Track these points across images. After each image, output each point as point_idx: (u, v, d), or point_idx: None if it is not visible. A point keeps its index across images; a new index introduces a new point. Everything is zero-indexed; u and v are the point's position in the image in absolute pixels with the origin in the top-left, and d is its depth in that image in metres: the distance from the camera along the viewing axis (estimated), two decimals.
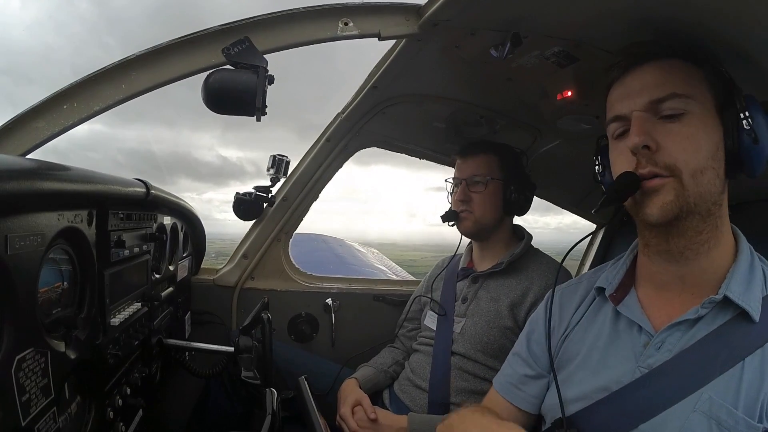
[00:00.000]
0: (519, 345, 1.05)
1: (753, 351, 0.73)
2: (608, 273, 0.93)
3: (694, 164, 0.74)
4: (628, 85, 0.81)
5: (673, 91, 0.76)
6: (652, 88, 0.77)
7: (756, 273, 0.79)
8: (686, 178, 0.74)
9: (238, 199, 1.85)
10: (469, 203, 1.54)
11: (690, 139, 0.75)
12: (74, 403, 0.73)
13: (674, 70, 0.78)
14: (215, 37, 1.01)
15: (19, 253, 0.58)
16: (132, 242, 1.08)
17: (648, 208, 0.77)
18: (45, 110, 0.97)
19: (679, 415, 0.74)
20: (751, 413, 0.70)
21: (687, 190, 0.74)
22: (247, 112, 0.97)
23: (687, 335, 0.78)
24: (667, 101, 0.76)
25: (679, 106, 0.75)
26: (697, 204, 0.75)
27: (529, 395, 0.98)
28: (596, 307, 0.93)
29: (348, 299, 1.99)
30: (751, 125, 0.74)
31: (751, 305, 0.75)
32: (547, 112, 1.53)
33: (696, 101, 0.76)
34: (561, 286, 1.03)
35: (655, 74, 0.78)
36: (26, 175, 0.59)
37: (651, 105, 0.77)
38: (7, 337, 0.55)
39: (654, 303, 0.84)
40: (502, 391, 1.01)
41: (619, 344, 0.85)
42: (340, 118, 1.73)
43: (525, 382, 0.99)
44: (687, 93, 0.76)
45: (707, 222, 0.78)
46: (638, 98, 0.78)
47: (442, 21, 1.10)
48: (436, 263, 1.81)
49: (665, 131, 0.75)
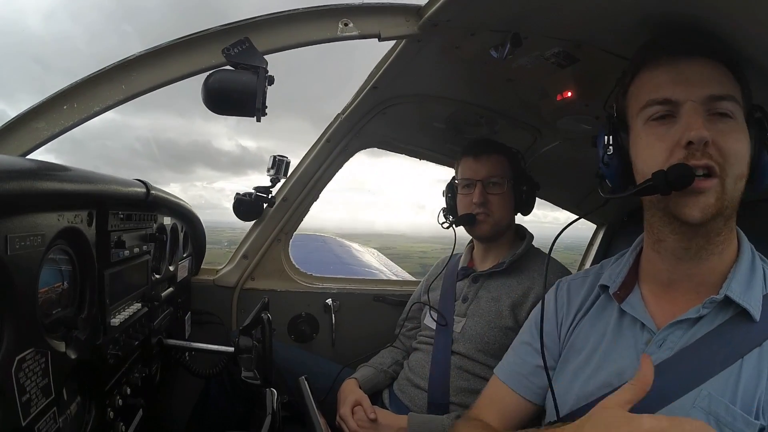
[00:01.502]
0: (528, 335, 1.03)
1: (752, 349, 0.74)
2: (611, 270, 0.94)
3: (738, 169, 0.74)
4: (683, 71, 0.76)
5: (730, 92, 0.75)
6: (713, 83, 0.74)
7: (757, 272, 0.80)
8: (729, 182, 0.73)
9: (238, 199, 1.85)
10: (486, 206, 1.50)
11: (740, 143, 0.74)
12: (74, 403, 0.74)
13: (723, 71, 0.76)
14: (215, 38, 1.01)
15: (19, 253, 0.58)
16: (132, 242, 1.08)
17: (688, 208, 0.74)
18: (45, 111, 0.97)
19: (679, 412, 0.74)
20: (748, 410, 0.71)
21: (726, 194, 0.73)
22: (247, 113, 0.97)
23: (688, 333, 0.79)
24: (724, 101, 0.74)
25: (731, 108, 0.74)
26: (728, 208, 0.75)
27: (537, 386, 0.97)
28: (602, 304, 0.93)
29: (348, 299, 1.99)
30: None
31: (751, 304, 0.76)
32: (547, 112, 1.53)
33: (741, 107, 0.76)
34: (568, 278, 1.04)
35: (712, 70, 0.75)
36: (26, 176, 0.59)
37: (709, 100, 0.74)
38: (7, 337, 0.55)
39: (658, 301, 0.85)
40: (509, 381, 1.00)
41: (622, 341, 0.85)
42: (341, 118, 1.73)
43: (535, 373, 0.97)
44: (737, 98, 0.75)
45: (727, 225, 0.79)
46: (697, 89, 0.74)
47: (442, 21, 1.10)
48: (435, 263, 1.81)
49: (716, 130, 0.73)
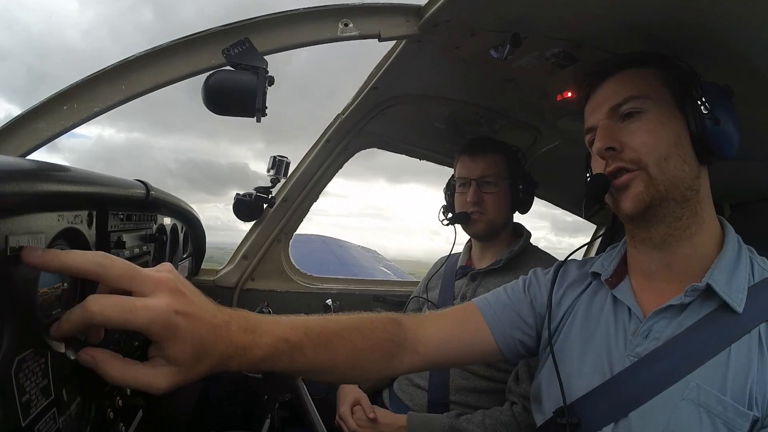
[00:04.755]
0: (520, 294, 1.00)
1: (739, 338, 0.74)
2: (603, 260, 0.96)
3: (656, 154, 0.80)
4: (593, 100, 0.91)
5: (628, 95, 0.84)
6: (611, 97, 0.86)
7: (742, 264, 0.80)
8: (652, 168, 0.80)
9: (238, 200, 1.85)
10: (481, 204, 1.50)
11: (649, 132, 0.81)
12: (74, 403, 0.73)
13: (628, 77, 0.86)
14: (215, 38, 1.01)
15: (19, 253, 0.58)
16: (132, 243, 1.08)
17: (622, 203, 0.83)
18: (45, 111, 0.97)
19: (667, 404, 0.75)
20: (739, 399, 0.71)
21: (655, 179, 0.80)
22: (247, 114, 0.97)
23: (674, 323, 0.79)
24: (624, 104, 0.84)
25: (635, 105, 0.83)
26: (668, 190, 0.80)
27: (516, 339, 0.95)
28: (594, 289, 0.94)
29: (348, 300, 1.99)
30: (709, 109, 0.79)
31: (732, 296, 0.76)
32: (547, 113, 1.53)
33: (651, 100, 0.83)
34: (568, 261, 1.04)
35: (613, 85, 0.87)
36: (26, 176, 0.59)
37: (611, 111, 0.86)
38: (7, 337, 0.55)
39: (644, 292, 0.87)
40: (489, 318, 0.96)
41: (614, 331, 0.86)
42: (341, 118, 1.73)
43: (519, 326, 0.96)
44: (641, 94, 0.83)
45: (684, 208, 0.82)
46: (604, 107, 0.87)
47: (442, 22, 1.10)
48: (434, 262, 1.81)
49: (627, 131, 0.83)
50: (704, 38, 0.90)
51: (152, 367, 0.59)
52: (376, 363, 0.84)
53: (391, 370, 0.88)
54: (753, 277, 0.80)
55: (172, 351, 0.58)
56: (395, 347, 0.86)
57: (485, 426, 1.25)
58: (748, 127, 0.85)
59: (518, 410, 1.26)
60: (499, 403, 1.33)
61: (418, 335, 0.90)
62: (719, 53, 0.91)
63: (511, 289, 1.03)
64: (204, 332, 0.60)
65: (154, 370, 0.58)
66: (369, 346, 0.82)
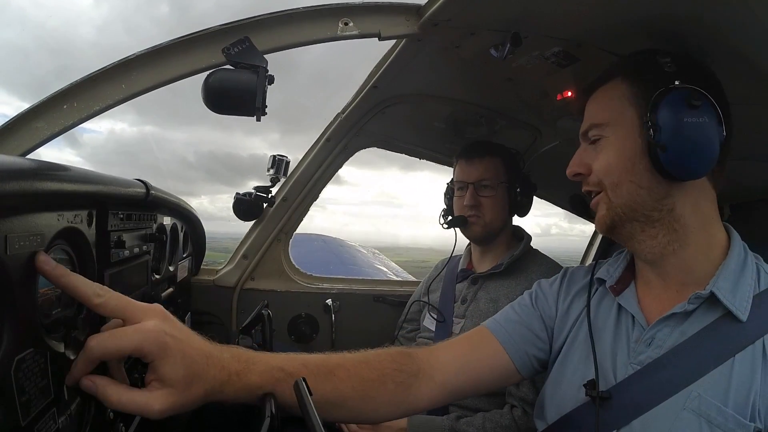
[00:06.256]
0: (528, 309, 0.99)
1: (743, 348, 0.73)
2: (609, 266, 0.95)
3: (610, 180, 0.83)
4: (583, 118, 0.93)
5: (590, 122, 0.87)
6: (584, 122, 0.90)
7: (747, 271, 0.79)
8: (610, 192, 0.83)
9: (237, 199, 1.85)
10: (478, 208, 1.51)
11: (606, 159, 0.83)
12: (74, 403, 0.73)
13: (599, 98, 0.88)
14: (215, 37, 1.01)
15: (18, 253, 0.58)
16: (132, 243, 1.07)
17: (595, 222, 0.88)
18: (45, 110, 0.97)
19: (669, 413, 0.74)
20: (741, 411, 0.70)
21: (612, 202, 0.83)
22: (247, 112, 0.97)
23: (677, 331, 0.78)
24: (588, 131, 0.88)
25: (596, 133, 0.86)
26: (626, 213, 0.82)
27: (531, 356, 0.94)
28: (599, 296, 0.93)
29: (348, 300, 1.98)
30: (657, 132, 0.75)
31: (736, 305, 0.75)
32: (547, 112, 1.53)
33: (611, 126, 0.84)
34: (573, 268, 1.04)
35: (589, 108, 0.90)
36: (26, 176, 0.59)
37: (583, 136, 0.89)
38: (6, 337, 0.55)
39: (648, 299, 0.86)
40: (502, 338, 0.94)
41: (618, 338, 0.86)
42: (341, 117, 1.73)
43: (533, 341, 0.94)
44: (602, 121, 0.85)
45: (657, 227, 0.81)
46: (580, 131, 0.91)
47: (442, 21, 1.10)
48: (435, 264, 1.81)
49: (593, 156, 0.86)
50: (704, 37, 0.90)
51: (148, 391, 0.63)
52: (390, 394, 0.80)
53: (408, 403, 0.83)
54: (759, 285, 0.78)
55: (165, 370, 0.62)
56: (408, 377, 0.83)
57: (485, 429, 1.25)
58: (748, 127, 0.85)
59: (518, 414, 1.26)
60: (499, 405, 1.33)
61: (432, 363, 0.87)
62: (719, 53, 0.91)
63: (519, 305, 1.01)
64: (194, 355, 0.64)
65: (150, 394, 0.62)
66: (377, 377, 0.79)
